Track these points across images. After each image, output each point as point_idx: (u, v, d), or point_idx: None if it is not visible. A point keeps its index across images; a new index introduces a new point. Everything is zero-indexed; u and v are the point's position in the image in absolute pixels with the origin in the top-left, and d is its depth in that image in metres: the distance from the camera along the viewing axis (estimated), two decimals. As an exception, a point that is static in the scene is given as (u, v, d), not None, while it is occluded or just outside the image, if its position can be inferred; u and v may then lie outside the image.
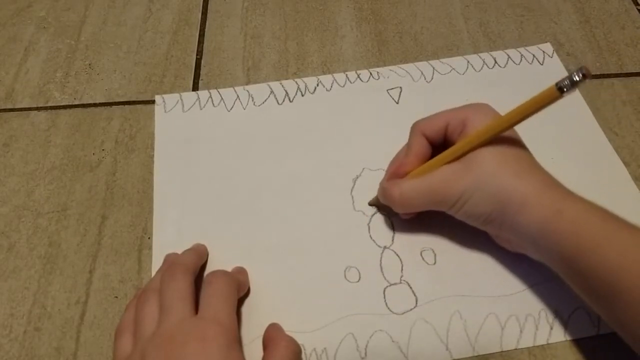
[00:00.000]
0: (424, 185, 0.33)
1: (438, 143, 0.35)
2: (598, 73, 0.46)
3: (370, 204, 0.38)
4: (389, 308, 0.34)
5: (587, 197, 0.30)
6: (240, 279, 0.33)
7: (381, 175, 0.39)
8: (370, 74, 0.46)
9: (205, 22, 0.51)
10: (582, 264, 0.28)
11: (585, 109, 0.43)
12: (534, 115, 0.30)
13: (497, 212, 0.31)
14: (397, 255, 0.36)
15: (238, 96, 0.45)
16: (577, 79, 0.27)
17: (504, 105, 0.32)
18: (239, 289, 0.32)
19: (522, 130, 0.34)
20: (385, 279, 0.35)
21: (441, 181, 0.32)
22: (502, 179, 0.31)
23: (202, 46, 0.49)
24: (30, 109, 0.45)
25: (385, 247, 0.36)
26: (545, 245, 0.30)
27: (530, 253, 0.32)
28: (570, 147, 0.40)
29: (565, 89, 0.28)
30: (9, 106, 0.45)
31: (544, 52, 0.47)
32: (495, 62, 0.46)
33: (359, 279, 0.35)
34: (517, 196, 0.30)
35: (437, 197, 0.33)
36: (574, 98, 0.44)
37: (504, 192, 0.30)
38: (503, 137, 0.32)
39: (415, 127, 0.35)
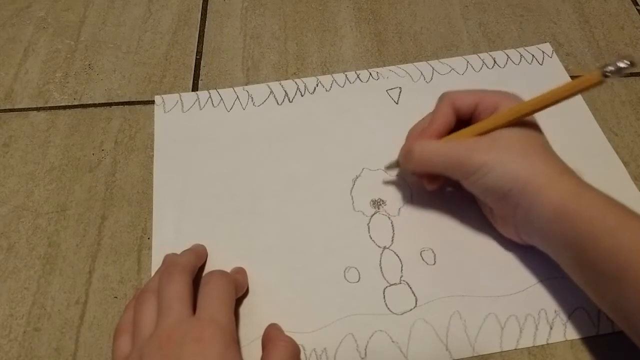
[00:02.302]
0: (447, 148, 0.34)
1: (463, 119, 0.35)
2: (597, 73, 0.46)
3: (387, 167, 0.39)
4: (388, 308, 0.34)
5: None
6: (239, 279, 0.33)
7: (381, 175, 0.40)
8: (370, 74, 0.46)
9: (205, 22, 0.51)
10: (595, 248, 0.28)
11: (584, 109, 0.43)
12: (569, 99, 0.31)
13: (516, 189, 0.31)
14: (396, 255, 0.36)
15: (238, 96, 0.45)
16: (623, 65, 0.28)
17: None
18: (237, 289, 0.32)
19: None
20: (385, 279, 0.35)
21: (465, 148, 0.33)
22: (527, 157, 0.31)
23: (202, 46, 0.49)
24: (29, 109, 0.45)
25: (385, 248, 0.36)
26: (559, 228, 0.30)
27: (537, 239, 0.32)
28: (570, 147, 0.40)
29: (609, 74, 0.28)
30: (9, 106, 0.45)
31: (543, 52, 0.47)
32: (495, 62, 0.46)
33: (359, 279, 0.35)
34: (540, 175, 0.31)
35: (457, 161, 0.33)
36: (574, 98, 0.43)
37: (527, 169, 0.31)
38: (527, 122, 0.33)
39: (445, 97, 0.35)
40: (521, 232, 0.33)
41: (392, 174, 0.39)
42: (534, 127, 0.34)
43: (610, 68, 0.28)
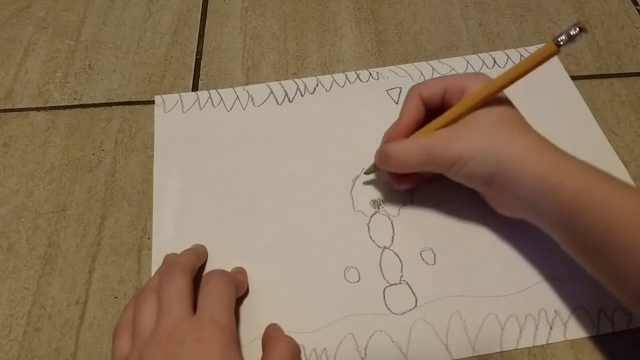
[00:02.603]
0: (422, 144, 0.33)
1: (434, 108, 0.35)
2: (597, 73, 0.46)
3: (366, 172, 0.39)
4: (388, 308, 0.34)
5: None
6: (239, 279, 0.33)
7: (381, 175, 0.39)
8: (370, 74, 0.46)
9: (205, 22, 0.51)
10: (583, 221, 0.28)
11: (584, 109, 0.43)
12: (531, 72, 0.31)
13: (499, 171, 0.31)
14: (396, 255, 0.36)
15: (238, 96, 0.45)
16: (574, 32, 0.29)
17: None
18: (237, 289, 0.32)
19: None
20: (385, 279, 0.35)
21: (441, 139, 0.33)
22: (503, 137, 0.31)
23: (202, 46, 0.49)
24: (29, 109, 0.45)
25: (385, 247, 0.36)
26: (545, 203, 0.30)
27: (528, 216, 0.32)
28: (570, 147, 0.40)
29: (562, 42, 0.29)
30: (9, 106, 0.45)
31: (543, 52, 0.47)
32: (495, 62, 0.46)
33: (359, 279, 0.35)
34: (518, 152, 0.30)
35: (435, 156, 0.33)
36: (574, 98, 0.44)
37: (505, 150, 0.31)
38: (498, 99, 0.33)
39: (412, 90, 0.35)
40: (513, 210, 0.34)
41: (372, 178, 0.39)
42: (506, 103, 0.33)
43: (563, 37, 0.29)
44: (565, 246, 0.31)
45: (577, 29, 0.29)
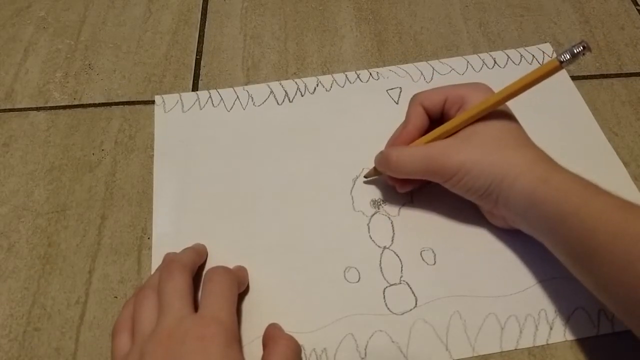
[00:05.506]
0: (422, 152, 0.34)
1: (435, 117, 0.36)
2: (597, 73, 0.46)
3: (366, 176, 0.39)
4: (388, 308, 0.34)
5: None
6: (240, 275, 0.33)
7: (381, 177, 0.40)
8: (370, 74, 0.46)
9: (205, 22, 0.51)
10: (565, 229, 0.29)
11: (584, 109, 0.43)
12: (532, 87, 0.32)
13: (494, 185, 0.32)
14: (396, 255, 0.36)
15: (238, 96, 0.45)
16: (578, 50, 0.29)
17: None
18: (239, 286, 0.32)
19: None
20: (385, 279, 0.35)
21: (440, 150, 0.33)
22: (501, 151, 0.32)
23: (202, 46, 0.49)
24: (29, 109, 0.45)
25: (385, 247, 0.36)
26: (534, 215, 0.31)
27: (522, 227, 0.33)
28: (570, 147, 0.40)
29: (564, 60, 0.30)
30: (9, 106, 0.45)
31: (543, 52, 0.47)
32: (495, 62, 0.46)
33: (359, 279, 0.35)
34: (514, 167, 0.31)
35: (434, 165, 0.33)
36: (574, 98, 0.44)
37: (502, 164, 0.31)
38: (500, 112, 0.33)
39: (414, 99, 0.36)
40: (507, 222, 0.34)
41: (372, 181, 0.39)
42: (507, 116, 0.34)
43: (567, 55, 0.30)
44: (558, 256, 0.31)
45: (581, 47, 0.29)
